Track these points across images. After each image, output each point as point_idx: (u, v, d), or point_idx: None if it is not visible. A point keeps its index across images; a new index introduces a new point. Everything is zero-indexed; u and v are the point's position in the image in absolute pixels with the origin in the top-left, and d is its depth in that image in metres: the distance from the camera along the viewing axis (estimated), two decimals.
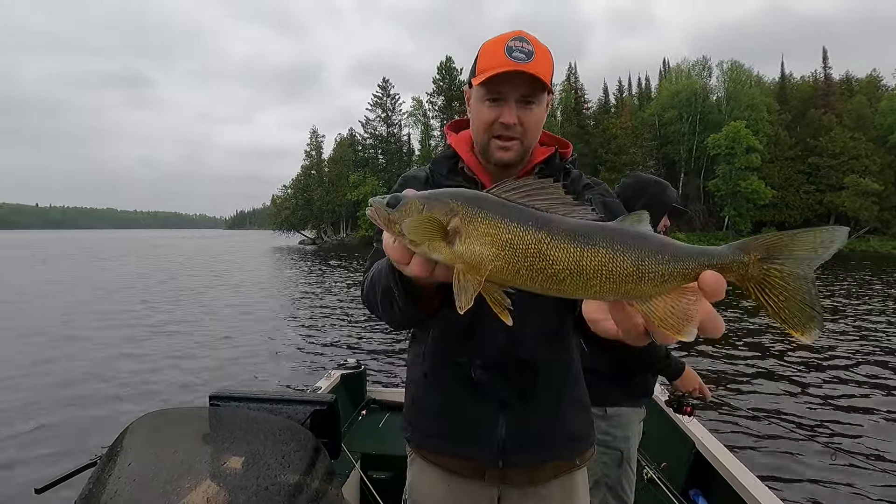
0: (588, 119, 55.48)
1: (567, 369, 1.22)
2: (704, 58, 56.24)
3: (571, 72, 56.67)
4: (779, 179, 47.70)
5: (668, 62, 64.74)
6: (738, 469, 2.27)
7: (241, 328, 10.27)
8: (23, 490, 3.80)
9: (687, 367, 2.07)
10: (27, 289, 16.75)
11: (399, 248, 0.66)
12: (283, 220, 60.01)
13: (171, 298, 14.46)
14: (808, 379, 6.92)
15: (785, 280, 0.54)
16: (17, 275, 22.85)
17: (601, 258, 0.55)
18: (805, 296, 0.54)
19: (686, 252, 0.56)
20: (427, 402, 1.23)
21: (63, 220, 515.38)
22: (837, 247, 0.54)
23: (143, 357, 7.88)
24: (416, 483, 1.28)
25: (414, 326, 1.19)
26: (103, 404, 5.74)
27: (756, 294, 0.55)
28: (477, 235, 0.59)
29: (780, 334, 9.54)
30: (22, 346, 8.53)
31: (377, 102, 60.02)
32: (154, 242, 72.08)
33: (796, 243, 0.54)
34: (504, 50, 1.08)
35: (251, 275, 22.93)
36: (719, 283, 0.53)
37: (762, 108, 48.66)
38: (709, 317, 0.54)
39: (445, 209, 0.60)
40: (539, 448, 1.18)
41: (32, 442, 4.74)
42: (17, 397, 5.96)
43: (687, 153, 52.07)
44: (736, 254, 0.56)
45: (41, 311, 12.20)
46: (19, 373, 6.95)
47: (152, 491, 1.10)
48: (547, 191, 0.60)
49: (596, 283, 0.56)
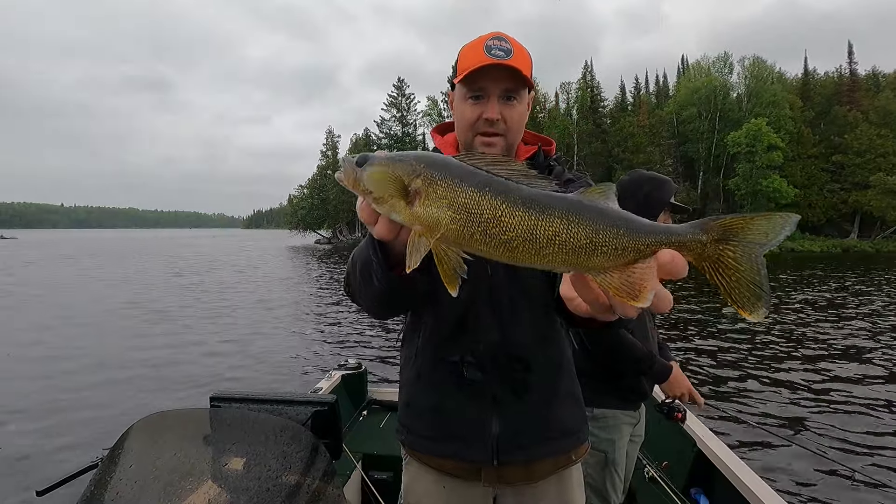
0: (604, 117, 54.89)
1: (559, 364, 1.22)
2: (725, 54, 55.13)
3: (587, 69, 56.14)
4: (801, 178, 46.56)
5: (686, 59, 63.83)
6: (739, 468, 2.26)
7: (242, 328, 10.30)
8: (24, 492, 3.79)
9: (675, 370, 2.03)
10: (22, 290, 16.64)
11: (366, 207, 0.67)
12: (300, 219, 60.65)
13: (176, 298, 14.44)
14: (809, 378, 6.86)
15: (737, 262, 0.56)
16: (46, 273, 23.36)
17: (555, 228, 0.56)
18: (755, 277, 0.56)
19: (645, 228, 0.56)
20: (420, 402, 1.23)
21: (87, 219, 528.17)
22: (788, 233, 0.56)
23: (143, 357, 7.87)
24: (412, 486, 1.27)
25: (393, 306, 1.09)
26: (104, 406, 5.72)
27: (710, 273, 0.57)
28: (435, 198, 0.59)
29: (780, 334, 9.53)
30: (22, 345, 8.54)
31: (392, 102, 60.23)
32: (180, 242, 72.93)
33: (751, 227, 0.56)
34: (483, 49, 1.10)
35: (259, 274, 23.02)
36: (676, 262, 0.54)
37: (784, 105, 47.54)
38: (664, 298, 0.56)
39: (409, 170, 0.61)
40: (533, 444, 1.17)
41: (34, 444, 4.71)
42: (17, 398, 5.94)
43: (706, 151, 51.13)
44: (695, 233, 0.57)
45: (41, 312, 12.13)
46: (19, 373, 6.97)
47: (153, 493, 1.10)
48: (512, 164, 0.61)
49: (549, 252, 0.56)
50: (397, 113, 60.27)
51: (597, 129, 51.74)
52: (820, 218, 46.20)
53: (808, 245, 44.09)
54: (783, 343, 8.90)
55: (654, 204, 1.97)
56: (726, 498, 2.23)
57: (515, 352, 1.16)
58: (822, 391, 6.33)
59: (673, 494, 2.32)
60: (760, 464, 4.25)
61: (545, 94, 59.72)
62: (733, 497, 2.16)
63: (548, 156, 1.28)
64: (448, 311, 1.16)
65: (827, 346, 8.62)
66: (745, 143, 44.95)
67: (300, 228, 61.03)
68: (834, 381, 6.72)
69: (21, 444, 4.70)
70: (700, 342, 8.92)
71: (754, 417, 5.29)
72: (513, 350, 1.16)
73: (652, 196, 1.98)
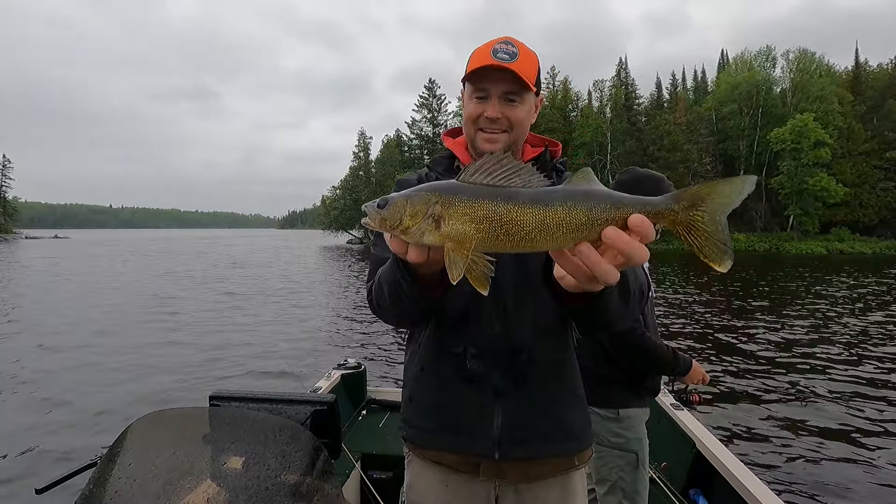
0: (639, 115, 53.61)
1: (563, 360, 1.23)
2: (768, 47, 53.01)
3: (622, 66, 55.00)
4: (852, 176, 44.30)
5: (726, 53, 61.65)
6: (738, 469, 2.26)
7: (243, 328, 10.32)
8: (23, 490, 3.79)
9: (693, 362, 2.13)
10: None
11: (396, 241, 0.78)
12: (332, 219, 61.78)
13: (184, 298, 14.38)
14: (809, 379, 6.83)
15: (706, 224, 0.67)
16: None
17: (560, 215, 0.68)
18: (720, 235, 0.67)
19: (626, 201, 0.68)
20: (423, 396, 1.25)
21: (133, 219, 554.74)
22: (747, 193, 0.67)
23: (144, 357, 7.88)
24: (415, 482, 1.28)
25: (422, 318, 1.21)
26: (103, 404, 5.70)
27: (683, 236, 0.69)
28: (457, 216, 0.70)
29: (780, 335, 9.60)
30: (22, 346, 8.59)
31: (423, 103, 60.60)
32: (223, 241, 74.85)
33: (716, 192, 0.67)
34: (490, 51, 1.16)
35: (274, 272, 23.22)
36: (645, 224, 0.66)
37: (833, 100, 45.35)
38: (633, 247, 0.66)
39: (426, 199, 0.72)
40: (535, 440, 1.18)
41: (33, 442, 4.70)
42: (17, 397, 5.96)
43: (747, 149, 49.33)
44: (668, 203, 0.68)
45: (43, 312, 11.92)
46: (19, 372, 7.03)
47: (152, 491, 1.09)
48: (503, 163, 0.72)
49: (559, 234, 0.68)
50: (428, 114, 60.58)
51: (631, 126, 50.57)
52: (872, 218, 43.89)
53: (860, 246, 41.91)
54: (783, 343, 8.87)
55: None
56: (725, 499, 2.23)
57: (518, 344, 1.17)
58: (822, 392, 6.29)
59: (672, 495, 2.33)
60: (760, 465, 4.27)
61: (578, 92, 58.88)
62: (732, 498, 2.16)
63: (553, 158, 1.32)
64: (452, 304, 1.17)
65: (827, 348, 8.52)
66: (790, 140, 42.98)
67: (333, 229, 62.14)
68: (834, 382, 6.68)
69: (21, 442, 4.69)
70: (699, 343, 8.84)
71: (754, 418, 5.34)
72: (516, 342, 1.17)
73: (652, 193, 1.98)
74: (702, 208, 0.67)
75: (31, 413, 5.46)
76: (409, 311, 1.04)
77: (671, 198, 0.68)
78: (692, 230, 0.68)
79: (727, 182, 0.66)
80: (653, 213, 0.68)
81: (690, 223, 0.68)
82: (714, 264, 0.67)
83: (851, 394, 6.18)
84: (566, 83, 58.34)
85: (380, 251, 1.18)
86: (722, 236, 0.67)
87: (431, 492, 1.24)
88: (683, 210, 0.68)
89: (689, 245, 0.68)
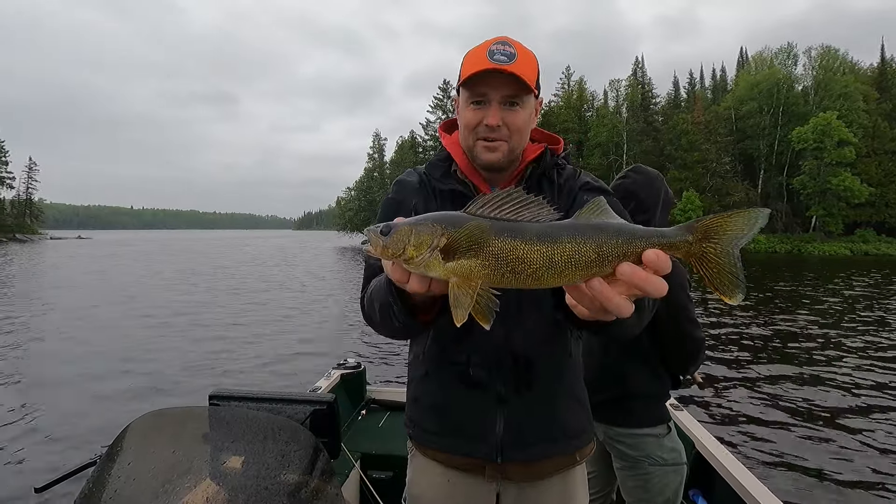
0: (656, 115, 52.94)
1: (564, 365, 1.22)
2: (789, 44, 51.89)
3: (638, 65, 54.41)
4: (877, 175, 43.15)
5: (745, 51, 60.56)
6: (737, 469, 2.25)
7: (243, 328, 10.33)
8: (23, 489, 3.80)
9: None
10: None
11: (397, 269, 0.75)
12: (347, 220, 62.20)
13: (185, 298, 14.38)
14: (809, 380, 6.81)
15: (718, 256, 0.66)
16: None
17: (568, 252, 0.65)
18: (733, 268, 0.66)
19: (638, 234, 0.66)
20: (427, 399, 1.26)
21: (153, 220, 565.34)
22: (760, 226, 0.65)
23: (143, 357, 7.89)
24: (417, 477, 1.29)
25: (412, 337, 1.24)
26: (103, 403, 5.72)
27: (696, 267, 0.67)
28: (463, 251, 0.68)
29: (781, 335, 9.60)
30: (22, 346, 8.63)
31: (437, 105, 60.71)
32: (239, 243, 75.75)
33: (729, 225, 0.65)
34: (486, 53, 1.09)
35: (279, 273, 23.22)
36: (660, 258, 0.64)
37: (857, 98, 44.19)
38: (650, 281, 0.64)
39: (431, 230, 0.69)
40: (536, 443, 1.18)
41: (32, 441, 4.71)
42: (17, 396, 5.96)
43: (768, 148, 48.36)
44: (682, 234, 0.66)
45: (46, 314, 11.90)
46: (19, 372, 7.06)
47: (152, 490, 1.09)
48: (512, 198, 0.69)
49: (567, 272, 0.66)
50: (442, 115, 60.63)
51: (648, 126, 49.93)
52: None
53: (885, 248, 40.76)
54: (783, 344, 8.87)
55: (668, 203, 2.02)
56: (725, 499, 2.23)
57: (520, 352, 1.17)
58: (821, 392, 6.26)
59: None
60: (759, 465, 4.27)
61: (593, 91, 58.39)
62: (732, 498, 2.15)
63: (555, 154, 1.26)
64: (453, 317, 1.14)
65: (829, 349, 8.45)
66: (813, 139, 41.99)
67: (348, 230, 62.58)
68: (834, 383, 6.65)
69: (20, 441, 4.71)
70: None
71: (754, 419, 5.34)
72: (518, 350, 1.17)
73: (668, 195, 2.02)
74: (714, 240, 0.66)
75: (31, 412, 5.48)
76: (402, 331, 1.02)
77: (685, 229, 0.67)
78: (704, 262, 0.66)
79: (740, 213, 0.65)
80: (667, 246, 0.65)
81: (703, 255, 0.66)
82: (725, 297, 0.66)
83: (854, 396, 6.14)
84: (581, 83, 57.96)
85: (375, 260, 1.15)
86: (734, 269, 0.66)
87: (433, 487, 1.25)
88: (697, 242, 0.66)
89: (701, 275, 0.67)
